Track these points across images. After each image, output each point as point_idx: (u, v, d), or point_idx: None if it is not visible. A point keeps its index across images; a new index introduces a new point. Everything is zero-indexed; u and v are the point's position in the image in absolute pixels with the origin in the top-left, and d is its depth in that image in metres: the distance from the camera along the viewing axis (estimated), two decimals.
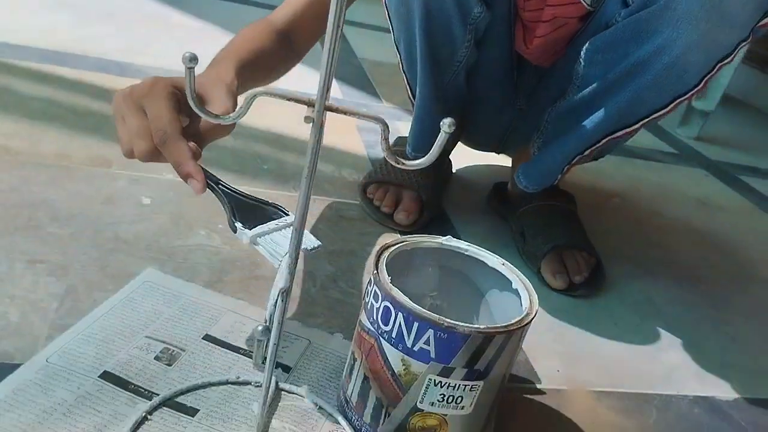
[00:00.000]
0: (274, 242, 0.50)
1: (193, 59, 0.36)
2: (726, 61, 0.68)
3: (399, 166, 0.38)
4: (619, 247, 0.99)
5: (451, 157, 1.06)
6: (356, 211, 0.90)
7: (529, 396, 0.63)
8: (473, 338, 0.47)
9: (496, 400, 0.53)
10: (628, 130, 0.76)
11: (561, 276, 0.82)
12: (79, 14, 1.47)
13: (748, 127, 1.98)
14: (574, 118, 0.78)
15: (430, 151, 0.38)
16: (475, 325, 0.47)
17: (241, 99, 0.43)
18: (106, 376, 0.51)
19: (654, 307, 0.85)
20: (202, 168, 0.54)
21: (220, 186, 0.55)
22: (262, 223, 0.52)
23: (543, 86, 0.89)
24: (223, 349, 0.57)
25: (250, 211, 0.54)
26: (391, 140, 1.02)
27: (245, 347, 0.58)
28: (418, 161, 0.39)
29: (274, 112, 1.01)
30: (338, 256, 0.78)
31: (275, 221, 0.52)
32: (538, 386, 0.65)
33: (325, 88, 0.37)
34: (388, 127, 0.38)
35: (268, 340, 0.43)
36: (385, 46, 0.82)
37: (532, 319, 0.51)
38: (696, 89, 0.71)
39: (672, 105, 0.72)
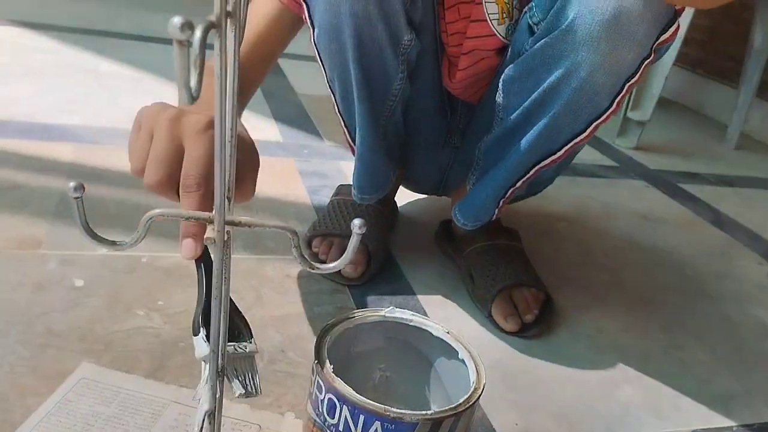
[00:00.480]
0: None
1: (79, 188, 0.34)
2: (633, 81, 0.70)
3: (314, 271, 0.37)
4: (568, 275, 1.00)
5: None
6: (302, 268, 0.88)
7: None
8: (422, 425, 0.46)
9: None
10: (553, 157, 0.77)
11: (512, 318, 0.82)
12: (2, 74, 1.41)
13: (684, 131, 2.04)
14: (500, 150, 0.80)
15: (343, 256, 0.37)
16: (422, 412, 0.46)
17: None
18: None
19: (606, 338, 0.86)
20: None
21: (204, 270, 0.49)
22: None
23: (474, 122, 0.90)
24: None
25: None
26: (330, 194, 1.01)
27: None
28: (331, 265, 0.38)
29: None
30: (285, 322, 0.76)
31: (235, 344, 0.44)
32: None
33: (223, 201, 0.35)
34: (297, 235, 0.36)
35: None
36: (322, 79, 0.80)
37: (480, 394, 0.50)
38: (609, 111, 0.72)
39: (589, 129, 0.74)
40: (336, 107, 0.82)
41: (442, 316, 0.84)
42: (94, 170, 1.03)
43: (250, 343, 0.44)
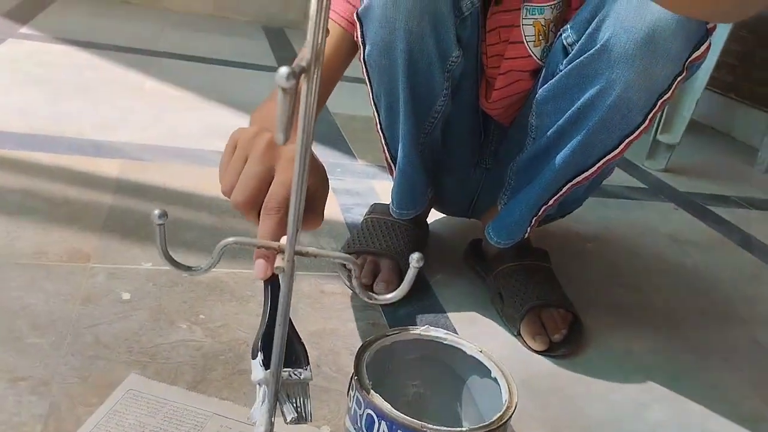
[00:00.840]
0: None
1: (163, 216, 0.37)
2: (666, 97, 0.73)
3: (371, 301, 0.40)
4: (596, 296, 1.01)
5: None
6: (336, 285, 0.91)
7: None
8: None
9: None
10: (586, 174, 0.79)
11: (540, 337, 0.84)
12: (53, 90, 1.47)
13: (714, 154, 2.03)
14: (534, 168, 0.82)
15: (400, 287, 0.39)
16: (458, 429, 0.48)
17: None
18: None
19: (634, 358, 0.87)
20: None
21: (271, 293, 0.50)
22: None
23: (506, 144, 0.92)
24: None
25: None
26: (364, 212, 1.04)
27: None
28: (390, 296, 0.40)
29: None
30: (320, 336, 0.79)
31: (291, 370, 0.45)
32: None
33: (294, 232, 0.38)
34: (357, 266, 0.39)
35: None
36: (356, 98, 0.84)
37: (513, 412, 0.52)
38: (643, 127, 0.75)
39: (622, 146, 0.76)
40: (378, 125, 0.86)
41: (471, 333, 0.86)
42: (141, 186, 1.08)
43: (306, 369, 0.45)
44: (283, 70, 0.26)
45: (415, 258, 0.37)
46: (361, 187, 1.26)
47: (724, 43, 1.55)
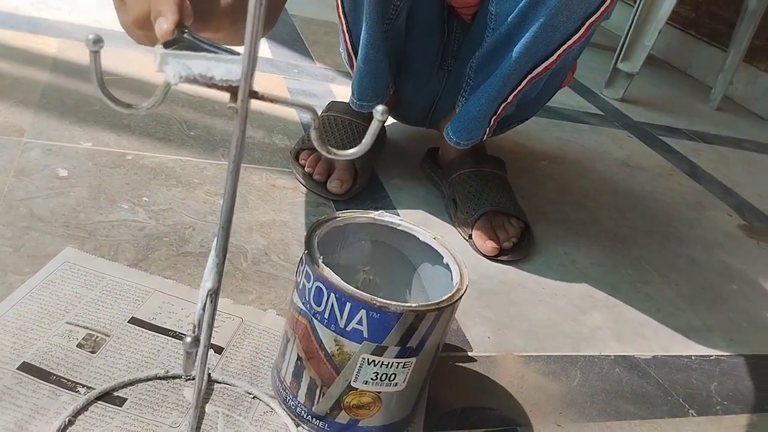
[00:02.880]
0: (191, 66, 0.36)
1: (98, 41, 0.33)
2: None
3: (330, 156, 0.37)
4: (546, 209, 1.02)
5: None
6: (288, 179, 0.88)
7: (460, 364, 0.65)
8: (405, 317, 0.47)
9: (429, 373, 0.54)
10: (546, 63, 0.78)
11: (491, 242, 0.84)
12: None
13: (670, 89, 2.05)
14: (494, 62, 0.81)
15: (362, 141, 0.37)
16: (407, 304, 0.48)
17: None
18: (25, 367, 0.48)
19: (578, 268, 0.89)
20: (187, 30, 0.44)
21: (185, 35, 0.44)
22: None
23: (466, 41, 0.90)
24: (150, 332, 0.55)
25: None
26: (321, 110, 1.00)
27: (174, 329, 0.56)
28: (350, 151, 0.38)
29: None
30: (270, 227, 0.77)
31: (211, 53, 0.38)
32: (470, 354, 0.67)
33: (249, 73, 0.35)
34: (318, 115, 0.36)
35: (197, 351, 0.40)
36: (315, 1, 0.79)
37: (463, 294, 0.51)
38: (604, 5, 0.74)
39: (583, 28, 0.75)
40: (340, 8, 0.81)
41: None
42: (81, 67, 1.00)
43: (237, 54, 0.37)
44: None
45: (379, 110, 0.35)
46: (319, 89, 1.21)
47: None
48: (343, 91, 1.19)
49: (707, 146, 1.58)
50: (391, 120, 1.08)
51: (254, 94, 0.36)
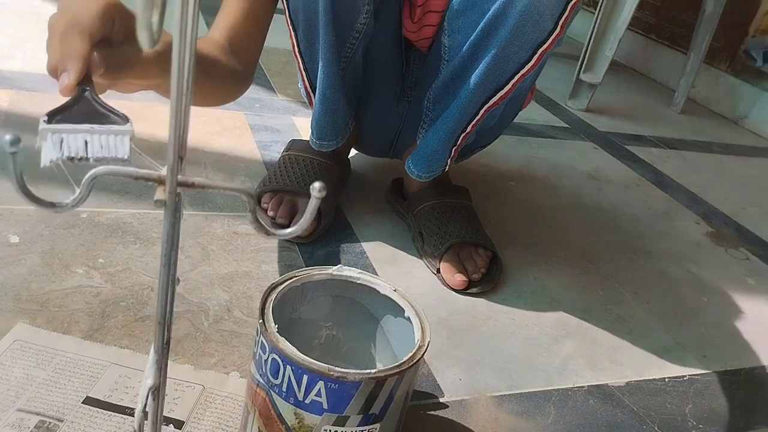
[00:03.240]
0: (70, 142, 0.36)
1: (15, 142, 0.32)
2: (575, 1, 0.72)
3: (269, 237, 0.36)
4: (515, 233, 1.02)
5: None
6: (250, 225, 0.87)
7: (432, 412, 0.64)
8: (365, 385, 0.46)
9: (398, 428, 0.52)
10: (501, 93, 0.79)
11: (459, 275, 0.83)
12: None
13: (633, 95, 2.07)
14: (450, 93, 0.81)
15: (301, 221, 0.35)
16: (366, 371, 0.46)
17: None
18: None
19: (549, 295, 0.88)
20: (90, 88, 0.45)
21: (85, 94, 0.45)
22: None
23: (423, 72, 0.90)
24: (106, 412, 0.53)
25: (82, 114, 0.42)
26: (282, 148, 0.99)
27: (131, 406, 0.54)
28: (288, 230, 0.37)
29: (160, 118, 0.95)
30: (232, 279, 0.75)
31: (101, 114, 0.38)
32: (441, 399, 0.66)
33: (176, 160, 0.33)
34: (253, 199, 0.35)
35: None
36: (276, 31, 0.79)
37: (424, 352, 0.50)
38: (555, 34, 0.74)
39: (535, 57, 0.76)
40: (296, 47, 0.80)
41: (391, 273, 0.84)
42: (33, 120, 0.98)
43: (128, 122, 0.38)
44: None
45: (316, 188, 0.33)
46: (281, 124, 1.20)
47: None
48: (306, 125, 1.18)
49: (673, 152, 1.59)
50: (354, 151, 1.07)
51: (183, 183, 0.35)
